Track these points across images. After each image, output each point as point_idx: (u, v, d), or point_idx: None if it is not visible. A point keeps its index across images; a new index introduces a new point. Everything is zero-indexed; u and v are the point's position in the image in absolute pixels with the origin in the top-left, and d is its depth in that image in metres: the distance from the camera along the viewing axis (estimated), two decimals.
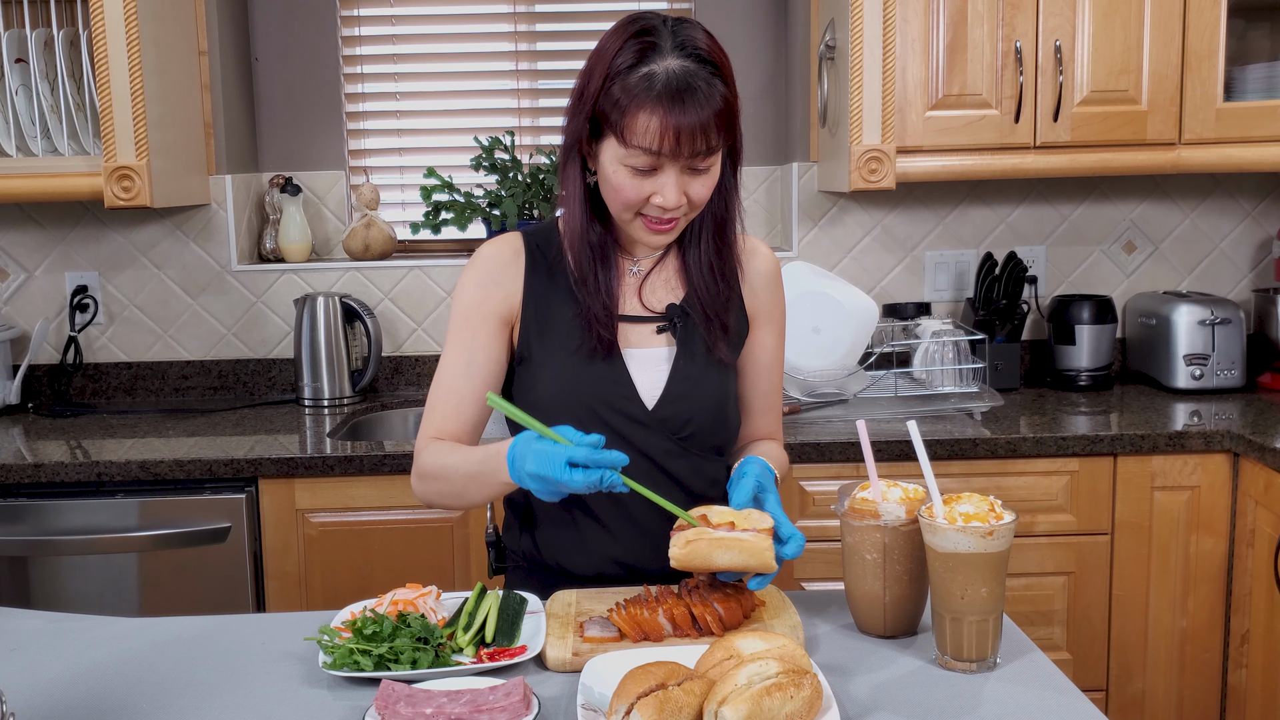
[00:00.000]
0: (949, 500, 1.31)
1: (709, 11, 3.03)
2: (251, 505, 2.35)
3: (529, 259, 1.56)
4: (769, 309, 1.62)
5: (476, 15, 3.10)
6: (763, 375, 1.63)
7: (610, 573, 1.56)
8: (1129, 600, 2.42)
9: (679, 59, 1.37)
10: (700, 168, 1.42)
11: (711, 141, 1.39)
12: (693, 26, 1.41)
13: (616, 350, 1.52)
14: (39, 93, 2.61)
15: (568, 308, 1.53)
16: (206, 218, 2.95)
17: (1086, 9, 2.57)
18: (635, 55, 1.38)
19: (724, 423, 1.57)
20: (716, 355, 1.54)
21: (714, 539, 1.31)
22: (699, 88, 1.36)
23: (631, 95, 1.37)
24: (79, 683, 1.33)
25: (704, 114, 1.36)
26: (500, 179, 2.89)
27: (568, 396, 1.50)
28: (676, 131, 1.36)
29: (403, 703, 1.18)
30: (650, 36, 1.39)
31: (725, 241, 1.54)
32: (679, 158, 1.39)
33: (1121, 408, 2.63)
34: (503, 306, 1.55)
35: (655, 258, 1.58)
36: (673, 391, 1.52)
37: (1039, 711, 1.20)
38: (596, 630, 1.36)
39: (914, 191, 2.97)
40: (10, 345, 2.92)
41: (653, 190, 1.42)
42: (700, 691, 1.12)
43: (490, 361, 1.55)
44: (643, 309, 1.56)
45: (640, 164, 1.40)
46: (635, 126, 1.37)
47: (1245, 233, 3.02)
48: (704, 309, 1.54)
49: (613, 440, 1.50)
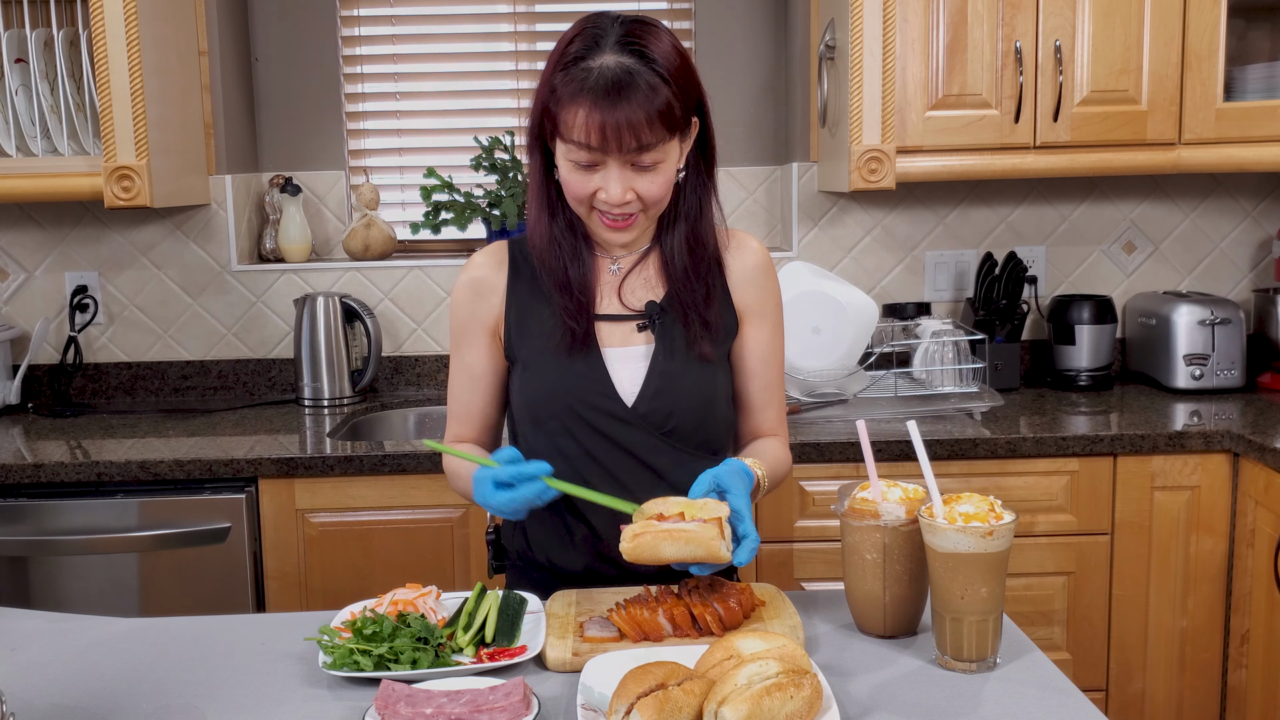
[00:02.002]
0: (949, 500, 1.31)
1: (709, 12, 3.03)
2: (251, 505, 2.35)
3: (511, 266, 1.59)
4: (758, 304, 1.61)
5: (476, 15, 3.10)
6: (757, 371, 1.62)
7: (600, 569, 1.57)
8: (1129, 600, 2.42)
9: (618, 55, 1.38)
10: (644, 164, 1.42)
11: (644, 139, 1.39)
12: (646, 26, 1.42)
13: (595, 348, 1.53)
14: (39, 93, 2.61)
15: (546, 307, 1.55)
16: (206, 218, 2.95)
17: (1086, 9, 2.57)
18: (580, 48, 1.40)
19: (710, 418, 1.56)
20: (697, 351, 1.54)
21: (660, 531, 1.31)
22: (633, 84, 1.37)
23: (567, 88, 1.39)
24: (79, 683, 1.33)
25: (636, 111, 1.37)
26: (500, 179, 2.89)
27: (551, 397, 1.53)
28: (602, 126, 1.37)
29: (403, 703, 1.18)
30: (597, 30, 1.41)
31: (699, 241, 1.55)
32: (612, 153, 1.40)
33: (1121, 408, 2.63)
34: (488, 318, 1.59)
35: (635, 257, 1.59)
36: (651, 387, 1.53)
37: (1039, 711, 1.20)
38: (596, 630, 1.36)
39: (914, 191, 2.97)
40: (10, 345, 2.92)
41: (598, 186, 1.44)
42: (700, 691, 1.12)
43: (489, 373, 1.61)
44: (623, 308, 1.57)
45: (581, 159, 1.42)
46: (570, 120, 1.39)
47: (1245, 233, 3.02)
48: (683, 307, 1.54)
49: (596, 438, 1.52)
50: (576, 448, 1.53)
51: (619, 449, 1.52)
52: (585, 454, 1.53)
